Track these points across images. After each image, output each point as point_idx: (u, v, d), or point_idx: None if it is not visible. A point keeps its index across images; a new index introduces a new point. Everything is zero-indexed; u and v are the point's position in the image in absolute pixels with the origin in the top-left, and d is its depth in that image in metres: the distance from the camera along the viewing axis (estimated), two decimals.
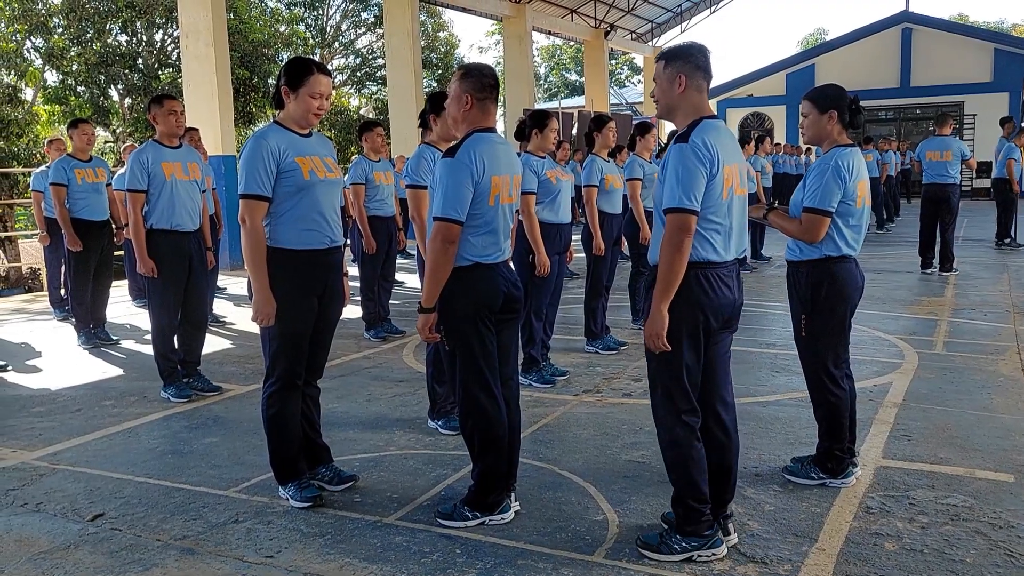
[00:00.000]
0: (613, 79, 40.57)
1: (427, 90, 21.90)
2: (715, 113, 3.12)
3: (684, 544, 3.10)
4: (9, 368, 6.58)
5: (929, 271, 10.40)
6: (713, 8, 30.50)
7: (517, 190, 3.56)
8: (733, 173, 3.05)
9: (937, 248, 10.41)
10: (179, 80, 15.55)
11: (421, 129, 5.08)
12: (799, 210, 3.72)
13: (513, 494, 3.58)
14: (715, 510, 3.17)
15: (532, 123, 5.64)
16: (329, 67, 22.48)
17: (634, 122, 14.88)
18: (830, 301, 3.70)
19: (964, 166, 10.68)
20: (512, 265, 3.56)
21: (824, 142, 3.83)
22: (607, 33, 26.77)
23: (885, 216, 16.82)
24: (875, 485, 3.78)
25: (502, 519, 3.46)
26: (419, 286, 4.89)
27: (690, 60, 3.09)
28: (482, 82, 3.40)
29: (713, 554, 3.09)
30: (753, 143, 11.57)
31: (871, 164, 15.21)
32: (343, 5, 29.03)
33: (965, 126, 25.16)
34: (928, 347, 6.43)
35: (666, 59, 3.14)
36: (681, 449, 3.10)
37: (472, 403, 3.42)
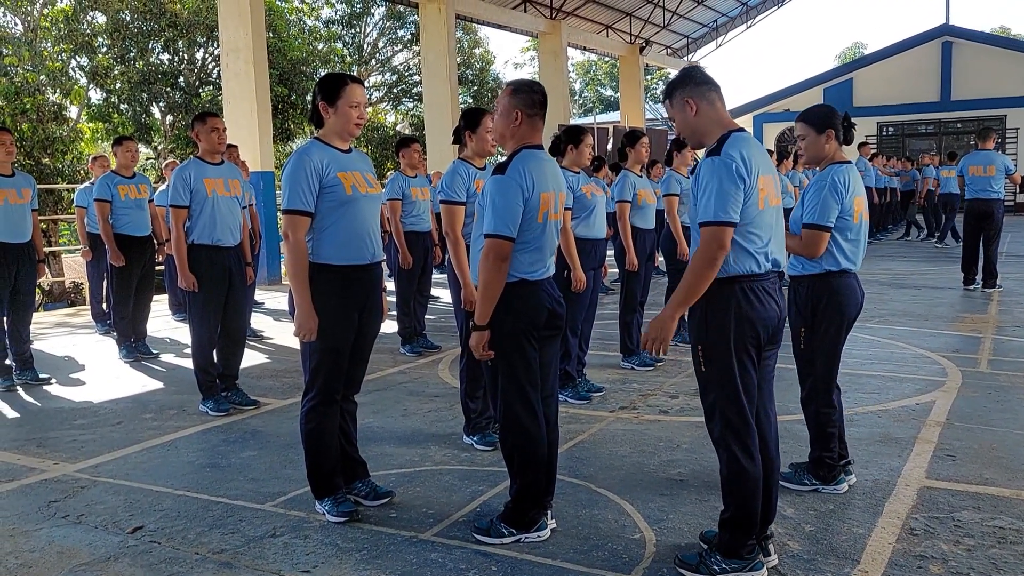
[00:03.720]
0: (648, 94, 40.52)
1: (463, 106, 22.05)
2: (742, 126, 3.10)
3: (724, 566, 3.04)
4: (52, 381, 6.69)
5: (972, 287, 10.22)
6: (749, 23, 30.39)
7: (563, 206, 3.55)
8: (768, 184, 3.02)
9: (980, 264, 10.23)
10: (219, 97, 15.81)
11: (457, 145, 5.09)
12: (799, 227, 3.81)
13: (550, 511, 3.56)
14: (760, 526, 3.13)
15: (567, 138, 5.64)
16: (366, 83, 22.74)
17: (669, 137, 14.83)
18: (828, 315, 3.81)
19: (1008, 180, 10.50)
20: (553, 281, 3.55)
21: (823, 161, 3.89)
22: (642, 48, 26.76)
23: (927, 232, 16.57)
24: (919, 506, 3.71)
25: (539, 536, 3.44)
26: (451, 301, 4.89)
27: (688, 81, 3.08)
28: (532, 98, 3.39)
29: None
30: (791, 158, 11.47)
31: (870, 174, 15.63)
32: (380, 23, 29.36)
33: (1008, 140, 24.76)
34: (972, 365, 6.31)
35: (667, 95, 3.15)
36: (745, 483, 3.01)
37: (513, 420, 3.40)
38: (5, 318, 6.49)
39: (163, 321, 9.60)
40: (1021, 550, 3.25)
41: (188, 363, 5.95)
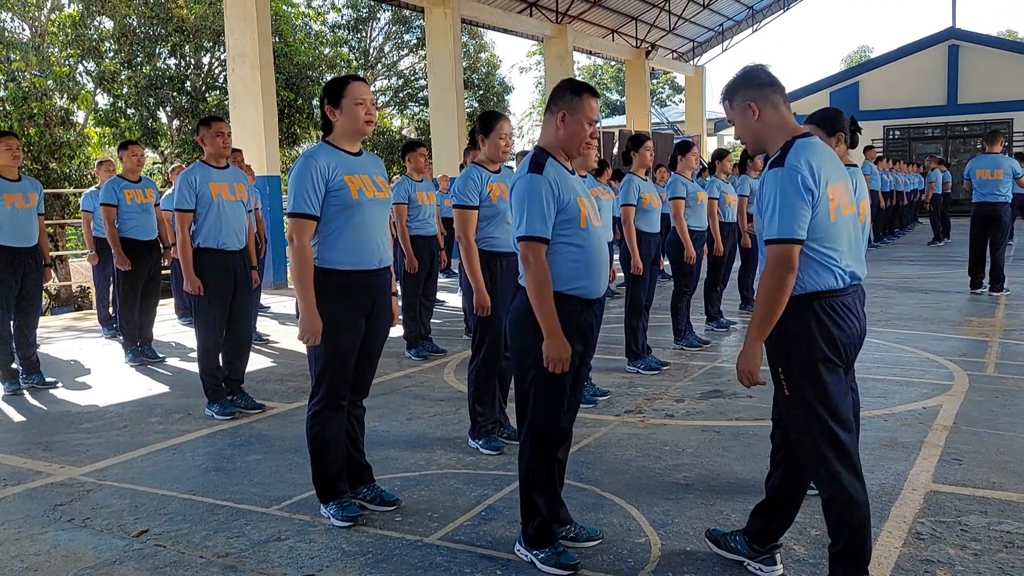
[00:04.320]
0: (654, 98, 40.50)
1: (469, 110, 22.07)
2: (808, 131, 2.87)
3: None
4: (59, 385, 6.71)
5: (979, 291, 10.19)
6: (755, 27, 30.39)
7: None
8: (839, 192, 2.80)
9: (987, 268, 10.20)
10: (226, 102, 15.85)
11: (469, 148, 5.07)
12: None
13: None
14: (766, 538, 3.06)
15: None
16: (372, 88, 22.73)
17: (675, 141, 14.83)
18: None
19: (1016, 184, 10.47)
20: None
21: None
22: (648, 52, 26.78)
23: (934, 236, 16.56)
24: (925, 510, 3.70)
25: None
26: (459, 305, 4.88)
27: (751, 82, 2.90)
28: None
29: None
30: None
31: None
32: (386, 27, 29.45)
33: (1015, 144, 24.69)
34: (979, 369, 6.29)
35: (727, 96, 2.96)
36: (855, 511, 2.77)
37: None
38: (12, 322, 6.51)
39: (169, 325, 9.61)
40: None
41: (194, 367, 5.96)
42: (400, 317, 7.60)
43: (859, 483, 2.80)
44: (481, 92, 30.35)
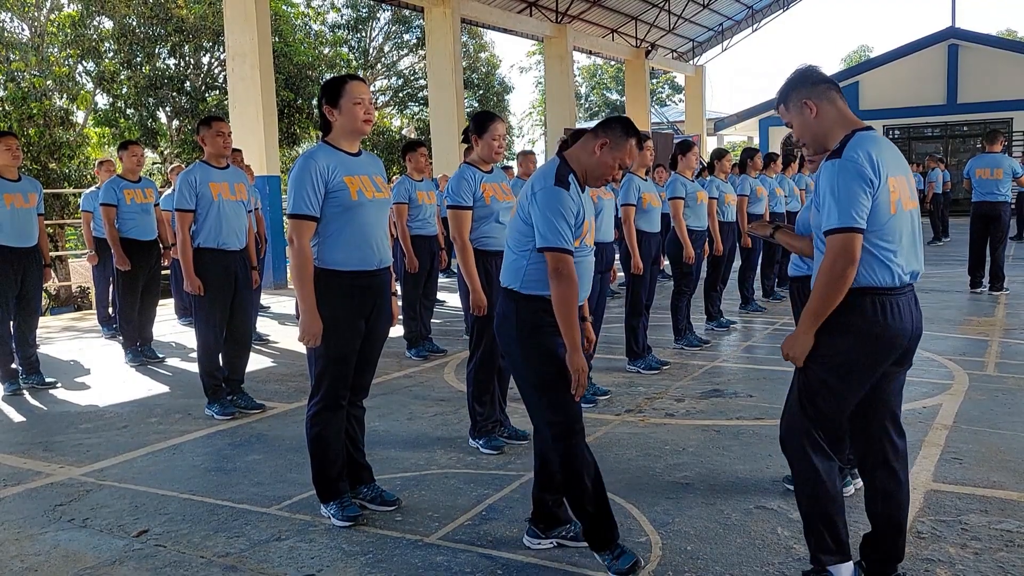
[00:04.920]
0: (654, 98, 40.49)
1: (468, 110, 22.06)
2: (869, 125, 2.82)
3: None
4: (58, 385, 6.70)
5: (979, 290, 10.19)
6: (754, 27, 30.39)
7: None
8: (900, 185, 2.74)
9: (987, 267, 10.20)
10: (225, 102, 15.85)
11: (469, 149, 5.04)
12: (806, 228, 3.74)
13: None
14: (883, 568, 2.93)
15: (574, 141, 5.62)
16: (371, 88, 22.61)
17: (675, 141, 14.83)
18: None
19: (1015, 183, 10.47)
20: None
21: None
22: (648, 52, 26.79)
23: (934, 236, 16.58)
24: (926, 509, 3.69)
25: None
26: (460, 305, 4.88)
27: (805, 81, 2.87)
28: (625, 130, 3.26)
29: None
30: (797, 161, 11.44)
31: None
32: (386, 27, 29.43)
33: (1014, 143, 24.69)
34: (979, 368, 6.29)
35: (782, 99, 2.93)
36: (820, 500, 2.84)
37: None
38: (11, 322, 6.51)
39: (169, 326, 9.61)
40: None
41: (194, 367, 5.96)
42: (400, 317, 7.61)
43: (832, 480, 2.85)
44: (481, 92, 30.35)
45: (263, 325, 9.05)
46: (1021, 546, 3.30)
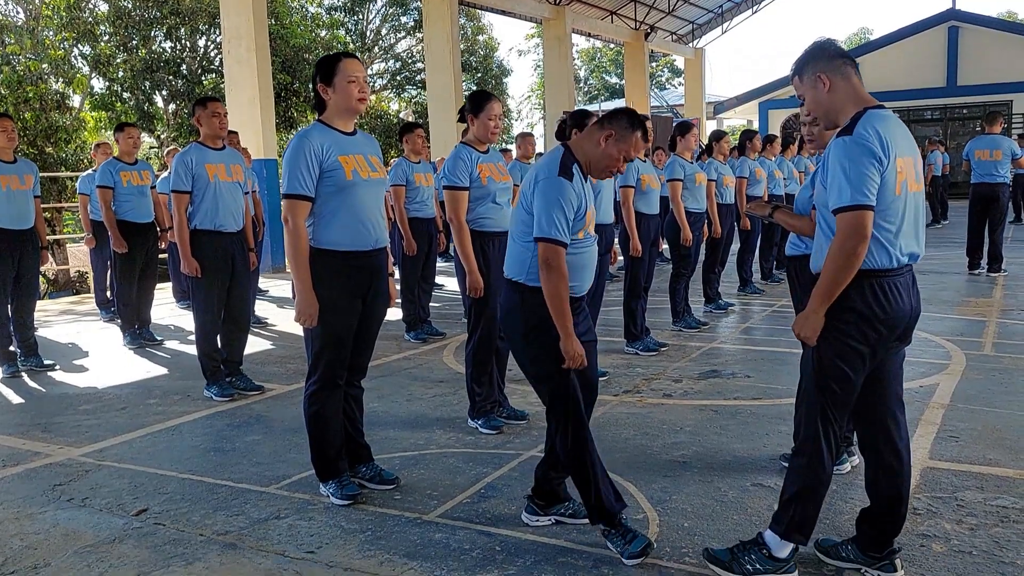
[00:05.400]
0: (654, 81, 40.38)
1: (466, 93, 21.98)
2: (881, 103, 2.79)
3: (758, 566, 2.91)
4: (57, 367, 6.71)
5: (977, 272, 10.20)
6: (754, 8, 30.25)
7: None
8: (907, 166, 2.73)
9: (985, 249, 10.20)
10: (222, 85, 15.78)
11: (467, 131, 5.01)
12: (805, 208, 3.74)
13: None
14: (879, 543, 2.93)
15: (573, 122, 5.60)
16: (368, 71, 22.50)
17: (673, 124, 14.79)
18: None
19: (1014, 165, 10.47)
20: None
21: None
22: (647, 35, 26.66)
23: (932, 218, 16.58)
24: (922, 486, 3.71)
25: None
26: (458, 289, 4.88)
27: (822, 55, 2.84)
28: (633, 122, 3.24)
29: None
30: (797, 144, 11.42)
31: None
32: (383, 10, 29.28)
33: (1014, 126, 24.63)
34: (976, 348, 6.30)
35: (797, 71, 2.90)
36: (815, 476, 2.85)
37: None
38: (9, 305, 6.51)
39: (168, 309, 9.61)
40: (1023, 529, 3.25)
41: (192, 349, 5.96)
42: (398, 300, 7.61)
43: (831, 462, 2.87)
44: (479, 75, 30.23)
45: (262, 308, 9.05)
46: (1016, 522, 3.32)
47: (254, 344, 7.06)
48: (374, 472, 3.93)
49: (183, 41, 22.66)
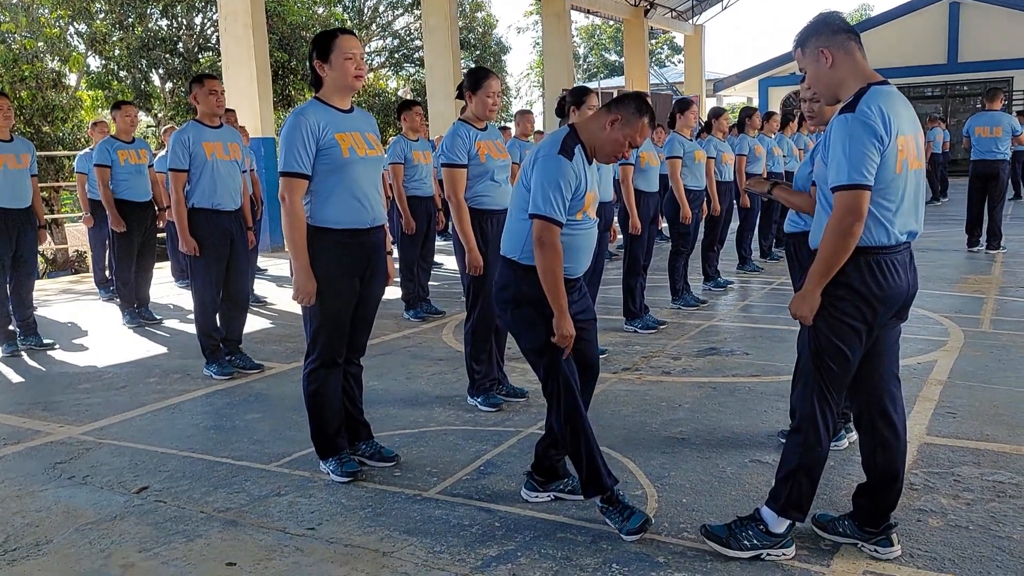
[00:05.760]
0: (653, 59, 40.11)
1: (465, 71, 21.87)
2: (885, 79, 2.76)
3: (755, 541, 2.92)
4: (56, 346, 6.72)
5: (976, 249, 10.20)
6: None
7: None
8: (908, 144, 2.71)
9: (985, 226, 10.19)
10: (219, 64, 15.69)
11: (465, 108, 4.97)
12: (805, 184, 3.73)
13: None
14: (875, 518, 2.94)
15: (572, 100, 5.58)
16: (366, 49, 22.31)
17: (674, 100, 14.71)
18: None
19: (1014, 142, 10.43)
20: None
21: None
22: (647, 11, 26.49)
23: (932, 195, 16.55)
24: (919, 462, 3.73)
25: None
26: (457, 267, 4.87)
27: (825, 28, 2.80)
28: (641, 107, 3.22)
29: (783, 554, 2.92)
30: (797, 121, 11.38)
31: None
32: None
33: (1015, 102, 24.53)
34: (974, 325, 6.31)
35: (800, 44, 2.86)
36: (812, 453, 2.86)
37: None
38: (7, 284, 6.50)
39: (167, 288, 9.61)
40: (1020, 504, 3.27)
41: (192, 328, 5.97)
42: (397, 279, 7.60)
43: (827, 440, 2.88)
44: (478, 52, 30.04)
45: (261, 288, 9.06)
46: (1013, 496, 3.34)
47: (253, 323, 7.06)
48: (374, 449, 3.94)
49: (179, 19, 22.52)
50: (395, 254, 7.40)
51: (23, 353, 6.52)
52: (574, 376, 3.22)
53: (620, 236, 6.74)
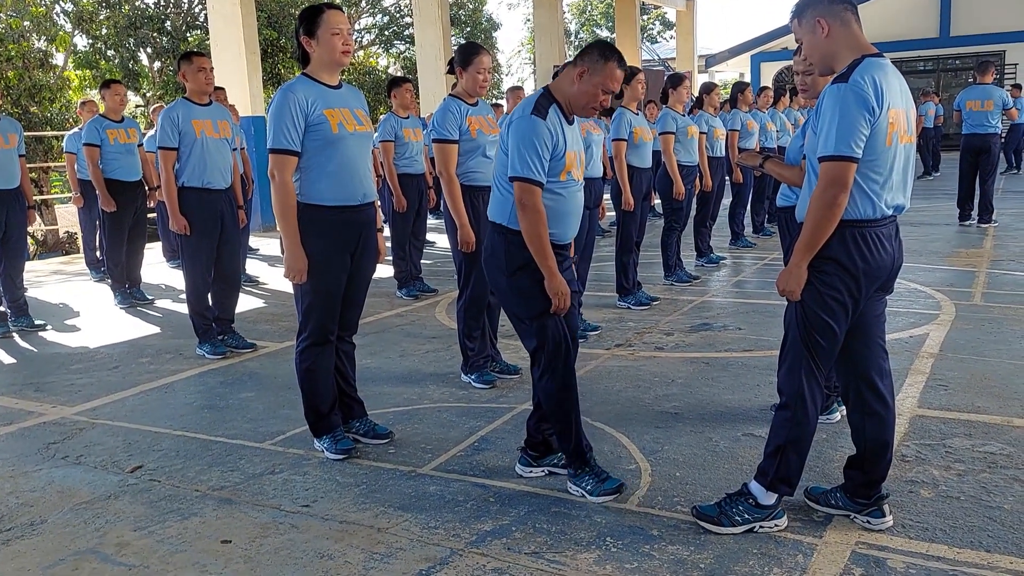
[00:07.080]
0: (645, 35, 39.90)
1: (455, 48, 21.73)
2: (877, 50, 2.75)
3: (746, 516, 2.94)
4: (48, 327, 6.70)
5: (968, 223, 10.21)
6: None
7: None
8: (899, 117, 2.70)
9: (976, 200, 10.21)
10: (207, 42, 15.58)
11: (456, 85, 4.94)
12: (797, 157, 3.72)
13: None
14: (867, 489, 2.94)
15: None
16: (356, 26, 22.16)
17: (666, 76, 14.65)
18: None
19: (1005, 116, 10.42)
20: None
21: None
22: None
23: (924, 170, 16.54)
24: (911, 434, 3.75)
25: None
26: (449, 245, 4.85)
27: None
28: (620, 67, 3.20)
29: (775, 525, 2.94)
30: (788, 96, 11.35)
31: None
32: None
33: (1006, 76, 24.49)
34: (966, 298, 6.33)
35: (797, 14, 2.84)
36: (800, 428, 2.87)
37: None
38: None
39: (158, 268, 9.57)
40: (1011, 474, 3.29)
41: (184, 308, 5.95)
42: (389, 257, 7.58)
43: (815, 415, 2.89)
44: (468, 29, 29.83)
45: (253, 267, 9.03)
46: (1003, 467, 3.36)
47: (246, 302, 7.05)
48: (368, 427, 3.95)
49: None
50: (386, 232, 7.38)
51: (14, 334, 6.50)
52: (567, 340, 3.23)
53: (611, 214, 6.72)
